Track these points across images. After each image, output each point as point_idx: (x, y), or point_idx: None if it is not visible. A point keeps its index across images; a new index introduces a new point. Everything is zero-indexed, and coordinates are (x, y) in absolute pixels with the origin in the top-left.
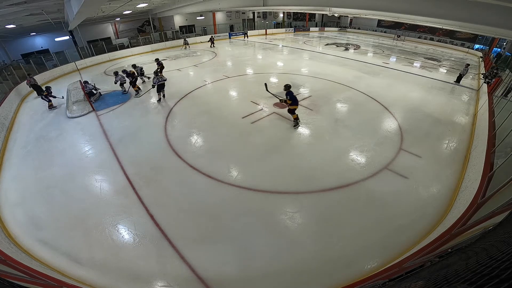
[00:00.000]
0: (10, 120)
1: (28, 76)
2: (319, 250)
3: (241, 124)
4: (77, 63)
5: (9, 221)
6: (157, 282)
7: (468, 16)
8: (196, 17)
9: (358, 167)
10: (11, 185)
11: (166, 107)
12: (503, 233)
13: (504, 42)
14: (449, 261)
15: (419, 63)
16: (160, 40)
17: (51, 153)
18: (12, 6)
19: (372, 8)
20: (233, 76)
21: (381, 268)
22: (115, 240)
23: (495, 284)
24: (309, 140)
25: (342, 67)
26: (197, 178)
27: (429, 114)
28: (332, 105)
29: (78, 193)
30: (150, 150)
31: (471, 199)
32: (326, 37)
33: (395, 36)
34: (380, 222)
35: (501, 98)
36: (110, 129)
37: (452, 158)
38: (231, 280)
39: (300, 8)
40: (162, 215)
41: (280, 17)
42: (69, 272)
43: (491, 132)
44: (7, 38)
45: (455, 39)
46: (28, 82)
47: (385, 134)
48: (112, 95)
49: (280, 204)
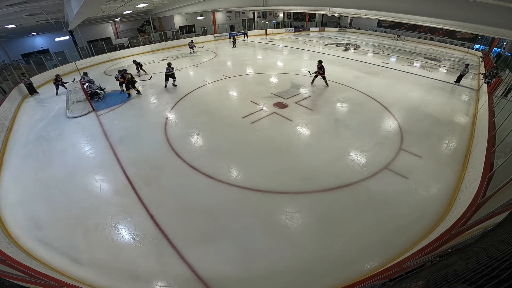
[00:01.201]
0: (10, 120)
1: (22, 76)
2: (319, 250)
3: (241, 124)
4: (77, 63)
5: (9, 221)
6: (157, 282)
7: (468, 16)
8: (196, 17)
9: (358, 167)
10: (11, 185)
11: (166, 107)
12: (503, 233)
13: (504, 42)
14: (449, 261)
15: (419, 63)
16: (160, 40)
17: (51, 153)
18: (12, 6)
19: (372, 8)
20: (233, 76)
21: (381, 268)
22: (115, 240)
23: (495, 284)
24: (309, 140)
25: (342, 67)
26: (197, 178)
27: (429, 114)
28: (332, 105)
29: (78, 193)
30: (150, 150)
31: (471, 199)
32: (326, 37)
33: (395, 36)
34: (380, 222)
35: (501, 98)
36: (110, 129)
37: (452, 158)
38: (231, 280)
39: (300, 8)
40: (162, 215)
41: (280, 17)
42: (69, 272)
43: (491, 132)
44: (7, 38)
45: (455, 39)
46: (23, 81)
47: (385, 134)
48: (112, 95)
49: (280, 204)
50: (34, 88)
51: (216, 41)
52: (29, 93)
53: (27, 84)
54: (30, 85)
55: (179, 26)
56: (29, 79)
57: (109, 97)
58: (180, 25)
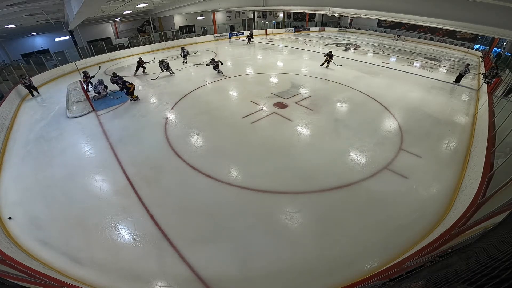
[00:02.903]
0: (10, 120)
1: (21, 77)
2: (319, 250)
3: (241, 124)
4: (77, 63)
5: (9, 221)
6: (157, 282)
7: (468, 16)
8: (196, 17)
9: (358, 167)
10: (11, 185)
11: (166, 107)
12: (503, 233)
13: (504, 42)
14: (449, 261)
15: (419, 63)
16: (160, 40)
17: (51, 153)
18: (12, 6)
19: (372, 8)
20: (233, 76)
21: (381, 268)
22: (115, 240)
23: (495, 284)
24: (309, 140)
25: (342, 67)
26: (197, 178)
27: (429, 114)
28: (332, 105)
29: (78, 193)
30: (150, 150)
31: (471, 199)
32: (326, 37)
33: (395, 36)
34: (380, 222)
35: (501, 98)
36: (110, 129)
37: (452, 158)
38: (231, 280)
39: (300, 8)
40: (162, 215)
41: (280, 17)
42: (69, 272)
43: (491, 132)
44: (7, 38)
45: (455, 39)
46: (22, 83)
47: (385, 134)
48: (112, 95)
49: (280, 204)
50: (35, 88)
51: (216, 41)
52: (30, 94)
53: (27, 85)
54: (30, 86)
55: (179, 26)
56: (30, 79)
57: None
58: (180, 25)
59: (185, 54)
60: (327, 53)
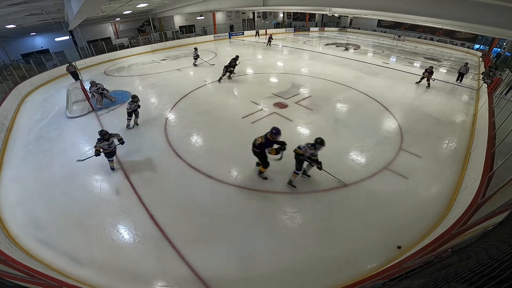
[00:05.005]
0: (10, 120)
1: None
2: (319, 250)
3: (241, 124)
4: (77, 63)
5: (9, 221)
6: (157, 282)
7: (468, 16)
8: (196, 17)
9: (358, 167)
10: (11, 185)
11: (166, 107)
12: (503, 233)
13: (504, 42)
14: (449, 261)
15: (419, 63)
16: (160, 40)
17: (51, 153)
18: (12, 6)
19: (372, 8)
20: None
21: (381, 268)
22: (115, 240)
23: (495, 284)
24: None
25: (342, 67)
26: (197, 178)
27: (429, 114)
28: (332, 105)
29: (78, 193)
30: (150, 150)
31: (471, 199)
32: (326, 37)
33: (395, 36)
34: (380, 222)
35: (501, 98)
36: (110, 129)
37: (452, 158)
38: (231, 280)
39: (300, 8)
40: (162, 215)
41: (280, 17)
42: (69, 272)
43: (491, 132)
44: (7, 38)
45: (455, 39)
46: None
47: (385, 134)
48: (112, 95)
49: (280, 204)
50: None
51: (216, 41)
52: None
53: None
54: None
55: (179, 26)
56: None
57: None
58: (180, 25)
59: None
60: (427, 69)
